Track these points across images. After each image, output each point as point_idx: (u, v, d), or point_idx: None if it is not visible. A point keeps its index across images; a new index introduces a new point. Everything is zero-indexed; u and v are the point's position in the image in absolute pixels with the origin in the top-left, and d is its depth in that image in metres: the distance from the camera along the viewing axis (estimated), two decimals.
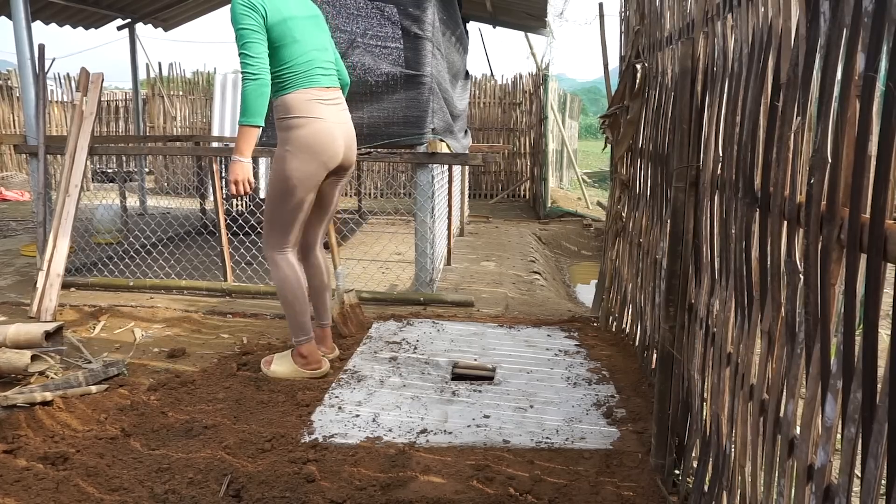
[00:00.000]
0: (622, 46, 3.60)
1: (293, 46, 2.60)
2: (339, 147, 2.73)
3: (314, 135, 2.64)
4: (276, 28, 2.56)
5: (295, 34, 2.60)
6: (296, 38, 2.60)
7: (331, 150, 2.69)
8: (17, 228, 7.16)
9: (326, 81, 2.71)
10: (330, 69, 2.76)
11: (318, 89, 2.66)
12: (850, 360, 1.13)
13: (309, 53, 2.65)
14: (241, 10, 2.50)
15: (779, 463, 1.44)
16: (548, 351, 3.26)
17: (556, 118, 10.24)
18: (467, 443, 2.30)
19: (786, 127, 1.43)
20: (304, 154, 2.63)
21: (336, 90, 2.78)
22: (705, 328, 1.98)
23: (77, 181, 4.04)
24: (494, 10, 7.77)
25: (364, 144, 4.21)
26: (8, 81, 11.76)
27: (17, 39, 4.10)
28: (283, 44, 2.58)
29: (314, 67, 2.66)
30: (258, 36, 2.52)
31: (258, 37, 2.51)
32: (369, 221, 7.82)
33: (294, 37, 2.60)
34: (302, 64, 2.62)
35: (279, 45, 2.58)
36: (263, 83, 2.51)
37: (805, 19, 1.35)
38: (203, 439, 2.29)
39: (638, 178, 3.27)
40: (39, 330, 2.98)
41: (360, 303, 3.67)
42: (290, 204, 2.70)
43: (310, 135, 2.63)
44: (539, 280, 5.22)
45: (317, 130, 2.64)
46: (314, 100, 2.65)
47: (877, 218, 1.05)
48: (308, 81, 2.64)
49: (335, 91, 2.77)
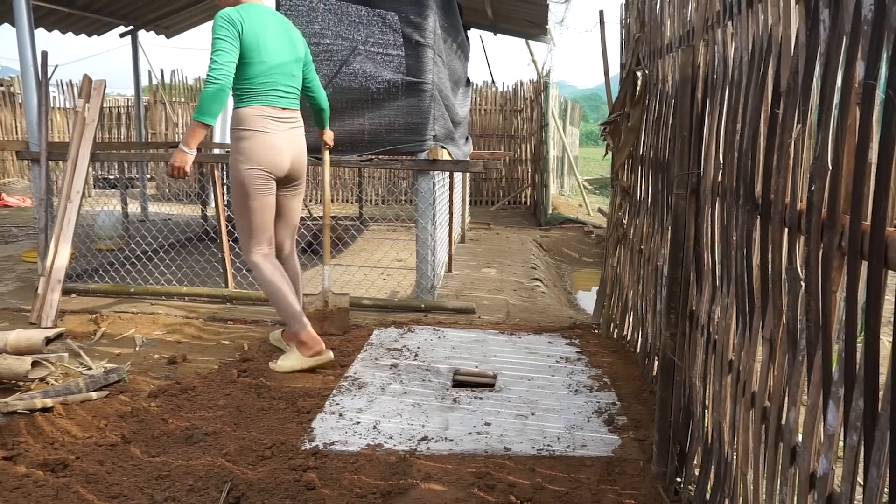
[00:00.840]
0: (623, 54, 3.61)
1: (259, 66, 2.85)
2: (285, 159, 2.99)
3: (260, 146, 2.90)
4: (248, 46, 2.81)
5: (263, 56, 2.85)
6: (263, 59, 2.86)
7: (275, 160, 2.95)
8: (19, 234, 7.17)
9: (282, 103, 2.96)
10: (290, 93, 3.01)
11: (271, 108, 2.92)
12: (852, 367, 1.12)
13: (272, 76, 2.90)
14: (221, 23, 2.75)
15: (781, 471, 1.43)
16: (549, 358, 3.25)
17: (556, 125, 10.25)
18: (468, 450, 2.29)
19: (786, 134, 1.43)
20: (252, 161, 2.90)
21: (292, 112, 3.03)
22: (706, 335, 1.98)
23: (79, 187, 4.05)
24: (495, 17, 7.80)
25: (365, 151, 4.22)
26: (10, 88, 11.81)
27: (20, 46, 4.12)
28: (251, 62, 2.83)
29: (273, 89, 2.92)
30: (230, 47, 2.75)
31: (230, 48, 2.75)
32: (370, 228, 7.83)
33: (262, 58, 2.85)
34: (262, 84, 2.88)
35: (247, 62, 2.84)
36: (223, 89, 2.73)
37: (805, 27, 1.35)
38: (203, 446, 2.28)
39: (639, 185, 3.27)
40: (40, 336, 2.98)
41: (349, 307, 3.70)
42: (252, 207, 2.97)
43: (256, 145, 2.90)
44: (540, 287, 5.21)
45: (262, 142, 2.91)
46: (266, 117, 2.91)
47: (877, 225, 1.05)
48: (264, 100, 2.90)
49: (291, 112, 3.02)
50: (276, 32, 2.92)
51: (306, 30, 4.17)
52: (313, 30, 4.17)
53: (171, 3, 7.13)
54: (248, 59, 2.82)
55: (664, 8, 2.77)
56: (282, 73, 2.93)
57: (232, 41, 2.74)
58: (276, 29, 2.93)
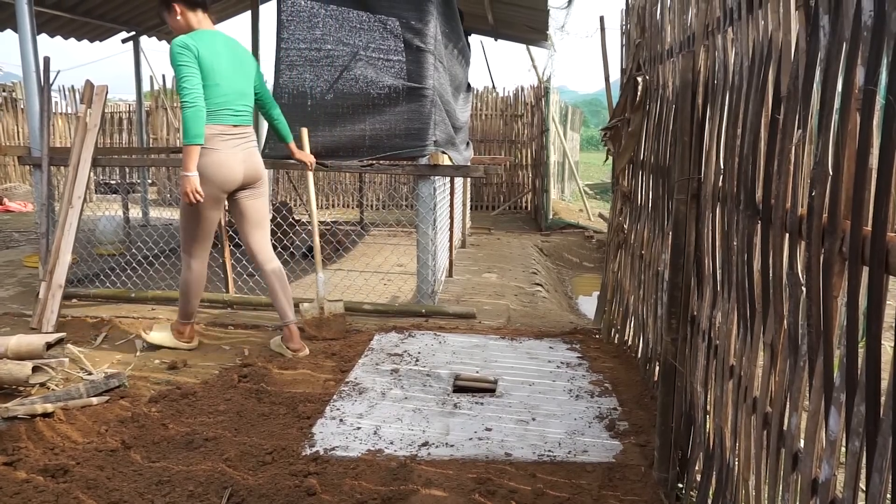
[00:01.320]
0: (623, 59, 3.62)
1: (213, 88, 3.08)
2: (237, 173, 3.20)
3: (210, 164, 3.10)
4: (203, 70, 3.04)
5: (217, 79, 3.08)
6: (217, 82, 3.09)
7: (226, 176, 3.16)
8: (20, 239, 7.18)
9: (234, 121, 3.18)
10: (241, 111, 3.23)
11: (222, 126, 3.13)
12: (854, 372, 1.12)
13: (225, 96, 3.13)
14: (177, 51, 3.00)
15: (783, 477, 1.43)
16: (550, 363, 3.25)
17: (557, 130, 10.27)
18: (469, 456, 2.28)
19: (786, 140, 1.43)
20: (203, 179, 3.09)
21: (244, 128, 3.25)
22: (708, 340, 1.97)
23: (80, 192, 4.06)
24: (496, 23, 7.82)
25: (366, 156, 4.23)
26: (13, 93, 11.84)
27: (23, 52, 4.14)
28: (206, 84, 3.06)
29: (224, 108, 3.14)
30: (193, 70, 3.00)
31: (193, 71, 2.99)
32: (371, 233, 7.83)
33: (216, 81, 3.08)
34: (215, 105, 3.09)
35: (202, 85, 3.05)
36: (200, 109, 2.99)
37: (805, 33, 1.36)
38: (204, 452, 2.28)
39: (639, 190, 3.28)
40: (41, 341, 2.98)
41: (344, 313, 3.77)
42: (196, 218, 3.21)
43: (207, 164, 3.09)
44: (541, 292, 5.21)
45: (212, 161, 3.10)
46: (216, 135, 3.11)
47: (878, 230, 1.05)
48: (216, 119, 3.10)
49: (243, 129, 3.24)
50: (227, 56, 3.16)
51: (307, 35, 4.18)
52: (314, 35, 4.19)
53: None
54: (203, 82, 3.06)
55: (664, 14, 2.78)
56: (233, 92, 3.17)
57: (193, 66, 3.00)
58: (227, 52, 3.16)
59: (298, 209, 9.26)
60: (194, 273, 3.36)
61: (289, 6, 4.17)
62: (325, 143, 4.22)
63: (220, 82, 3.10)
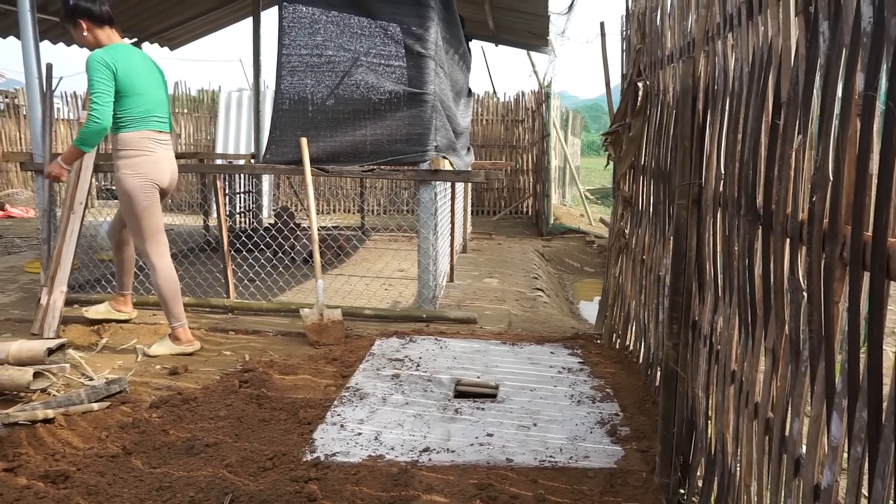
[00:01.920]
0: (624, 65, 3.63)
1: (136, 98, 3.29)
2: (166, 175, 3.44)
3: (146, 163, 3.34)
4: (123, 82, 3.23)
5: (137, 89, 3.29)
6: (138, 92, 3.29)
7: (160, 175, 3.39)
8: (22, 245, 7.19)
9: (159, 127, 3.41)
10: (163, 119, 3.46)
11: (153, 132, 3.37)
12: (856, 378, 1.12)
13: (148, 104, 3.34)
14: (94, 66, 3.14)
15: (785, 482, 1.42)
16: (551, 368, 3.24)
17: (558, 135, 10.28)
18: (470, 461, 2.28)
19: (787, 145, 1.43)
20: (139, 173, 3.32)
21: (167, 134, 3.48)
22: (709, 346, 1.97)
23: (82, 198, 4.07)
24: (497, 28, 7.85)
25: (367, 161, 4.23)
26: (15, 100, 11.88)
27: (25, 59, 4.16)
28: (128, 94, 3.26)
29: (151, 115, 3.36)
30: (107, 89, 3.17)
31: (107, 89, 3.16)
32: (372, 238, 7.84)
33: (137, 91, 3.29)
34: (142, 112, 3.32)
35: (124, 95, 3.26)
36: (104, 129, 3.19)
37: (805, 39, 1.36)
38: (204, 457, 2.28)
39: (640, 195, 3.28)
40: (42, 347, 2.98)
41: (342, 320, 3.81)
42: (142, 213, 3.37)
43: (143, 162, 3.33)
44: (542, 297, 5.21)
45: (148, 160, 3.35)
46: (149, 138, 3.35)
47: (879, 236, 1.05)
48: (146, 125, 3.34)
49: (166, 135, 3.47)
50: (143, 67, 3.35)
51: (309, 41, 4.20)
52: (316, 41, 4.20)
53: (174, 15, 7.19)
54: (124, 92, 3.24)
55: (665, 19, 2.79)
56: (154, 101, 3.38)
57: (108, 82, 3.16)
58: (142, 64, 3.35)
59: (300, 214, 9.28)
60: (161, 273, 3.43)
61: (290, 12, 4.19)
62: (326, 148, 4.23)
63: (141, 92, 3.30)
